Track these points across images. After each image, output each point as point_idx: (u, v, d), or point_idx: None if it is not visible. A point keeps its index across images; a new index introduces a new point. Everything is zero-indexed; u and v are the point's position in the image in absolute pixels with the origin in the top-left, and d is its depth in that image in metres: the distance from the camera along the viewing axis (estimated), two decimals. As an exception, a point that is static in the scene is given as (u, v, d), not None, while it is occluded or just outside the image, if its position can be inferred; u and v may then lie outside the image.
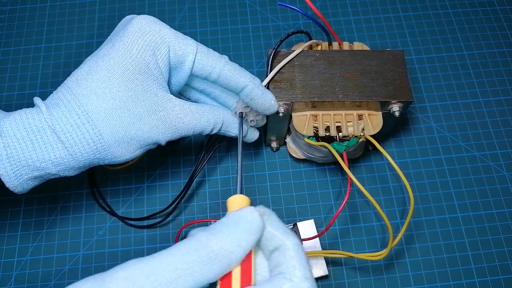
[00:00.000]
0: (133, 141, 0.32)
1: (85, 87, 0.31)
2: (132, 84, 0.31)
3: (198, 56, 0.33)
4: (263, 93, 0.35)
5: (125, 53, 0.31)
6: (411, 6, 0.54)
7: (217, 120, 0.35)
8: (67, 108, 0.30)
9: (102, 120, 0.30)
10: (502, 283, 0.41)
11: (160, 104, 0.32)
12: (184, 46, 0.32)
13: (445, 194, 0.45)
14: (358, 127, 0.38)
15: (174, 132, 0.33)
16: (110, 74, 0.31)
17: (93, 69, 0.31)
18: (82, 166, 0.32)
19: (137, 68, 0.31)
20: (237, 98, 0.37)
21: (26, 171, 0.30)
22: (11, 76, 0.50)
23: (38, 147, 0.30)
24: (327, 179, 0.45)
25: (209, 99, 0.38)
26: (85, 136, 0.30)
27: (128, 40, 0.31)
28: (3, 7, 0.55)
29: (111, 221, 0.44)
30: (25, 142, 0.30)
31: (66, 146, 0.30)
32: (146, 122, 0.32)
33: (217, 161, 0.46)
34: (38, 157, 0.30)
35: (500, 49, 0.52)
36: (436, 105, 0.49)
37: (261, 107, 0.36)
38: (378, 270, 0.42)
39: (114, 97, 0.31)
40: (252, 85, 0.34)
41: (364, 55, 0.39)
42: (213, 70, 0.33)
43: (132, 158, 0.33)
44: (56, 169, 0.31)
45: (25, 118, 0.30)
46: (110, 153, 0.32)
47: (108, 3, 0.54)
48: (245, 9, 0.54)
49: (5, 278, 0.41)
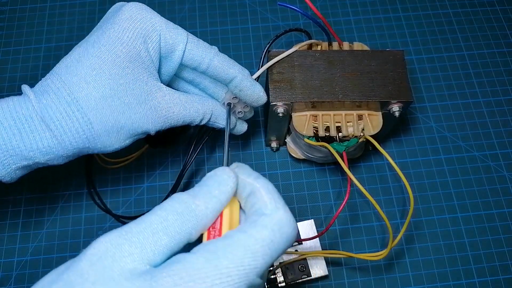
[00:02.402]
0: (123, 130, 0.32)
1: (75, 74, 0.30)
2: (123, 72, 0.31)
3: (188, 46, 0.33)
4: (252, 84, 0.35)
5: (115, 40, 0.31)
6: (411, 6, 0.54)
7: (206, 111, 0.35)
8: (57, 96, 0.30)
9: (92, 108, 0.30)
10: (502, 283, 0.41)
11: (151, 93, 0.32)
12: (174, 35, 0.33)
13: (445, 194, 0.45)
14: (358, 127, 0.38)
15: (164, 122, 0.33)
16: (101, 61, 0.30)
17: (83, 56, 0.31)
18: (71, 155, 0.31)
19: (128, 55, 0.31)
20: (226, 90, 0.37)
21: (14, 161, 0.30)
22: (11, 76, 0.50)
23: (26, 136, 0.29)
24: (327, 179, 0.45)
25: (198, 90, 0.38)
26: (75, 124, 0.30)
27: (119, 27, 0.31)
28: (3, 7, 0.55)
29: (111, 221, 0.44)
30: (12, 131, 0.29)
31: (55, 134, 0.30)
32: (136, 111, 0.32)
33: (217, 161, 0.46)
34: (26, 146, 0.29)
35: (500, 49, 0.52)
36: (436, 105, 0.49)
37: (250, 98, 0.36)
38: (378, 270, 0.42)
39: (105, 85, 0.30)
40: (241, 76, 0.35)
41: (364, 55, 0.39)
42: (203, 60, 0.34)
43: (121, 148, 0.33)
44: (44, 158, 0.30)
45: (12, 106, 0.30)
46: (100, 142, 0.31)
47: (108, 3, 0.54)
48: (245, 9, 0.54)
49: (5, 278, 0.41)
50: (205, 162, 0.46)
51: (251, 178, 0.26)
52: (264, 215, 0.24)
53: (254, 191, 0.25)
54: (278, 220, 0.23)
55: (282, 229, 0.23)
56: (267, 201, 0.24)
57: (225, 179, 0.25)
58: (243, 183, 0.26)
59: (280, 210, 0.24)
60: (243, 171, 0.26)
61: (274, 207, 0.24)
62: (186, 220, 0.23)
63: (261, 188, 0.25)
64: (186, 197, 0.24)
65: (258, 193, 0.25)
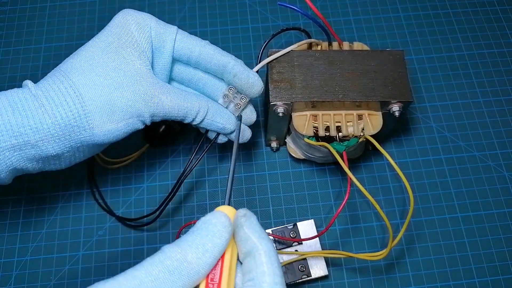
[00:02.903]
0: (115, 108, 0.32)
1: (70, 63, 0.32)
2: (115, 56, 0.33)
3: (178, 36, 0.35)
4: (246, 69, 0.36)
5: (109, 34, 0.33)
6: (411, 6, 0.54)
7: (202, 105, 0.35)
8: (52, 79, 0.32)
9: (84, 84, 0.31)
10: (502, 283, 0.41)
11: (142, 76, 0.33)
12: (164, 27, 0.35)
13: (445, 194, 0.45)
14: (358, 127, 0.38)
15: (156, 106, 0.33)
16: (95, 48, 0.33)
17: (80, 50, 0.33)
18: (62, 135, 0.31)
19: (120, 43, 0.33)
20: (224, 89, 0.37)
21: (4, 138, 0.29)
22: (11, 76, 0.50)
23: (18, 112, 0.30)
24: (327, 179, 0.45)
25: (196, 92, 0.39)
26: (66, 98, 0.31)
27: (113, 24, 0.34)
28: (3, 7, 0.55)
29: (111, 221, 0.44)
30: (5, 109, 0.30)
31: (47, 109, 0.30)
32: (128, 90, 0.32)
33: (217, 161, 0.46)
34: (17, 121, 0.29)
35: (500, 49, 0.52)
36: (436, 105, 0.49)
37: (245, 84, 0.36)
38: (378, 270, 0.42)
39: (97, 65, 0.32)
40: (234, 62, 0.36)
41: (364, 55, 0.39)
42: (194, 48, 0.35)
43: (116, 133, 0.33)
44: (35, 137, 0.30)
45: (9, 93, 0.31)
46: (92, 119, 0.31)
47: (108, 3, 0.54)
48: (245, 9, 0.54)
49: (5, 278, 0.41)
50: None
51: (255, 235, 0.25)
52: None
53: (254, 254, 0.24)
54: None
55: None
56: (265, 272, 0.24)
57: (220, 231, 0.24)
58: (245, 237, 0.25)
59: (277, 287, 0.23)
60: (249, 225, 0.25)
61: (272, 281, 0.23)
62: (178, 278, 0.23)
63: (263, 253, 0.24)
64: (177, 252, 0.23)
65: (259, 258, 0.24)
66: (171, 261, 0.23)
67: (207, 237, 0.24)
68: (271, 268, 0.24)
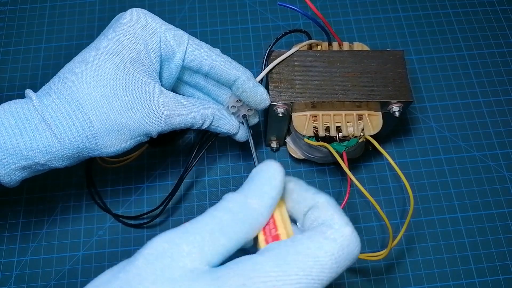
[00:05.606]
0: (123, 130, 0.32)
1: (76, 76, 0.31)
2: (123, 73, 0.31)
3: (189, 48, 0.33)
4: (255, 86, 0.35)
5: (116, 43, 0.31)
6: (411, 6, 0.54)
7: (208, 113, 0.35)
8: (57, 96, 0.30)
9: (92, 107, 0.30)
10: (502, 283, 0.41)
11: (151, 94, 0.32)
12: (175, 37, 0.33)
13: (445, 194, 0.45)
14: (358, 127, 0.38)
15: (165, 123, 0.33)
16: (101, 62, 0.31)
17: (85, 59, 0.32)
18: (71, 156, 0.31)
19: (128, 57, 0.31)
20: (229, 93, 0.37)
21: (14, 160, 0.29)
22: (11, 76, 0.50)
23: (26, 134, 0.29)
24: (327, 179, 0.45)
25: (202, 94, 0.38)
26: (75, 122, 0.30)
27: (120, 30, 0.32)
28: (3, 7, 0.55)
29: (111, 221, 0.44)
30: (13, 130, 0.29)
31: (55, 133, 0.30)
32: (136, 111, 0.32)
33: (217, 161, 0.46)
34: (26, 145, 0.29)
35: (500, 49, 0.52)
36: (436, 105, 0.49)
37: (253, 101, 0.36)
38: (378, 270, 0.42)
39: (105, 84, 0.31)
40: (244, 77, 0.35)
41: (364, 55, 0.39)
42: (205, 61, 0.34)
43: (123, 150, 0.33)
44: (44, 158, 0.30)
45: (14, 107, 0.30)
46: (100, 142, 0.31)
47: (108, 3, 0.54)
48: (245, 9, 0.54)
49: (5, 278, 0.41)
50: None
51: (310, 193, 0.25)
52: (333, 228, 0.23)
53: (317, 205, 0.24)
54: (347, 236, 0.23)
55: (350, 246, 0.22)
56: (334, 215, 0.23)
57: (273, 174, 0.24)
58: (301, 197, 0.25)
59: (349, 227, 0.23)
60: (300, 187, 0.25)
61: (343, 222, 0.23)
62: (243, 219, 0.23)
63: (326, 202, 0.24)
64: (239, 196, 0.23)
65: (323, 207, 0.24)
66: (234, 204, 0.23)
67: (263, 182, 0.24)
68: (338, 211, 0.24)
